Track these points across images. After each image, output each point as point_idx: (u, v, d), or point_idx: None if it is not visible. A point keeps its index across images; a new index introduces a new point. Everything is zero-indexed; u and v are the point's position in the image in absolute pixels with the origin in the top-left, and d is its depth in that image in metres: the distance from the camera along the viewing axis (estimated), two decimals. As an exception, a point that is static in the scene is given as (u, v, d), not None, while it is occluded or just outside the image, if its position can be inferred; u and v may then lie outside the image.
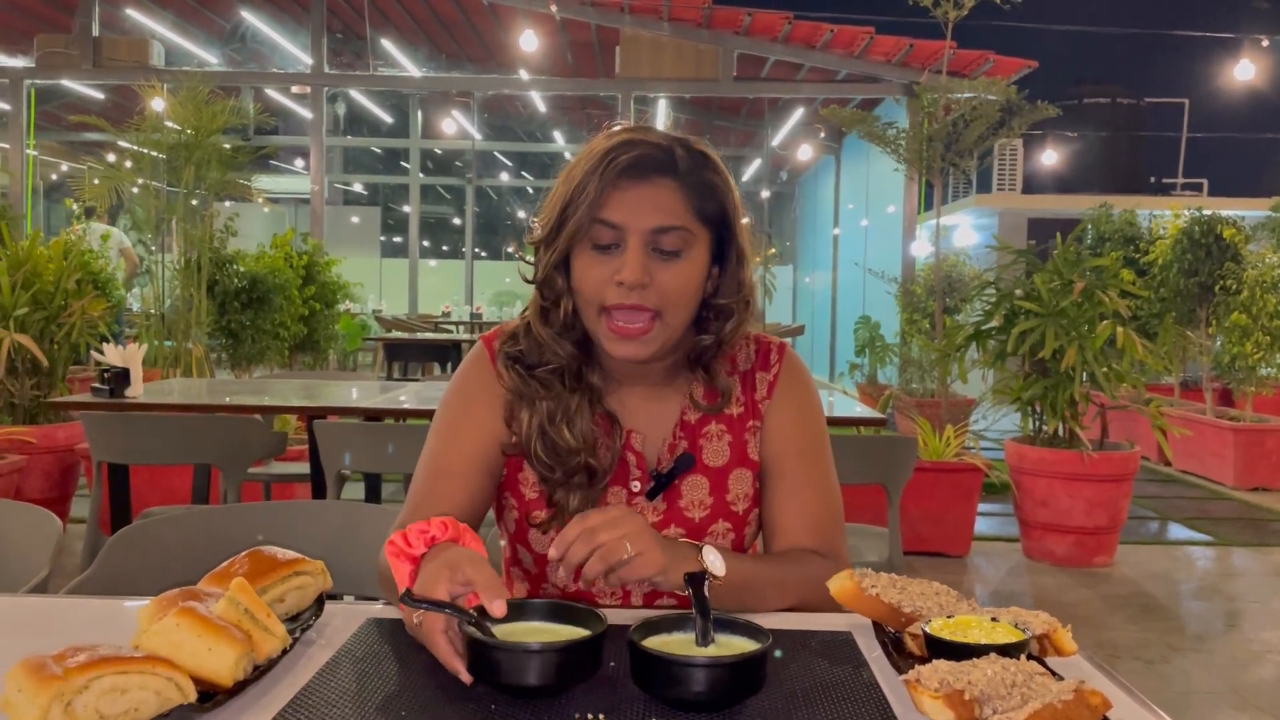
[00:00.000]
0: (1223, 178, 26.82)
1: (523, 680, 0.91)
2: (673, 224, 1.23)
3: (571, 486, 1.29)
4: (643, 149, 1.24)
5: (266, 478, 3.90)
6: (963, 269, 9.06)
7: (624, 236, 1.23)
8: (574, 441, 1.28)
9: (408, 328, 11.36)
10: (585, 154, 1.26)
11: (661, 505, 1.32)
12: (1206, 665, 3.53)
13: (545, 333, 1.31)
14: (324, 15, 9.44)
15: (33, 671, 0.79)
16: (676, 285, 1.24)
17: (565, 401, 1.30)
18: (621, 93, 9.23)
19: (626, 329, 1.24)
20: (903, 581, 1.10)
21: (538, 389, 1.30)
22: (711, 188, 1.27)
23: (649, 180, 1.23)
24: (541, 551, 1.32)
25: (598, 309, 1.25)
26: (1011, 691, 0.85)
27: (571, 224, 1.23)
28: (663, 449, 1.34)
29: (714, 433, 1.35)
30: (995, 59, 8.41)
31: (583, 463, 1.28)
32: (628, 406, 1.35)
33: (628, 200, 1.22)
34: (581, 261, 1.25)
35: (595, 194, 1.21)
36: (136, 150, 6.36)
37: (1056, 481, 4.69)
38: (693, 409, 1.36)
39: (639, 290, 1.22)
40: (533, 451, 1.29)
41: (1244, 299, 6.75)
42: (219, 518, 1.64)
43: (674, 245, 1.24)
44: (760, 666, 0.92)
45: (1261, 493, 6.60)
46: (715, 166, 1.28)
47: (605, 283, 1.23)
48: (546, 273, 1.29)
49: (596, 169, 1.22)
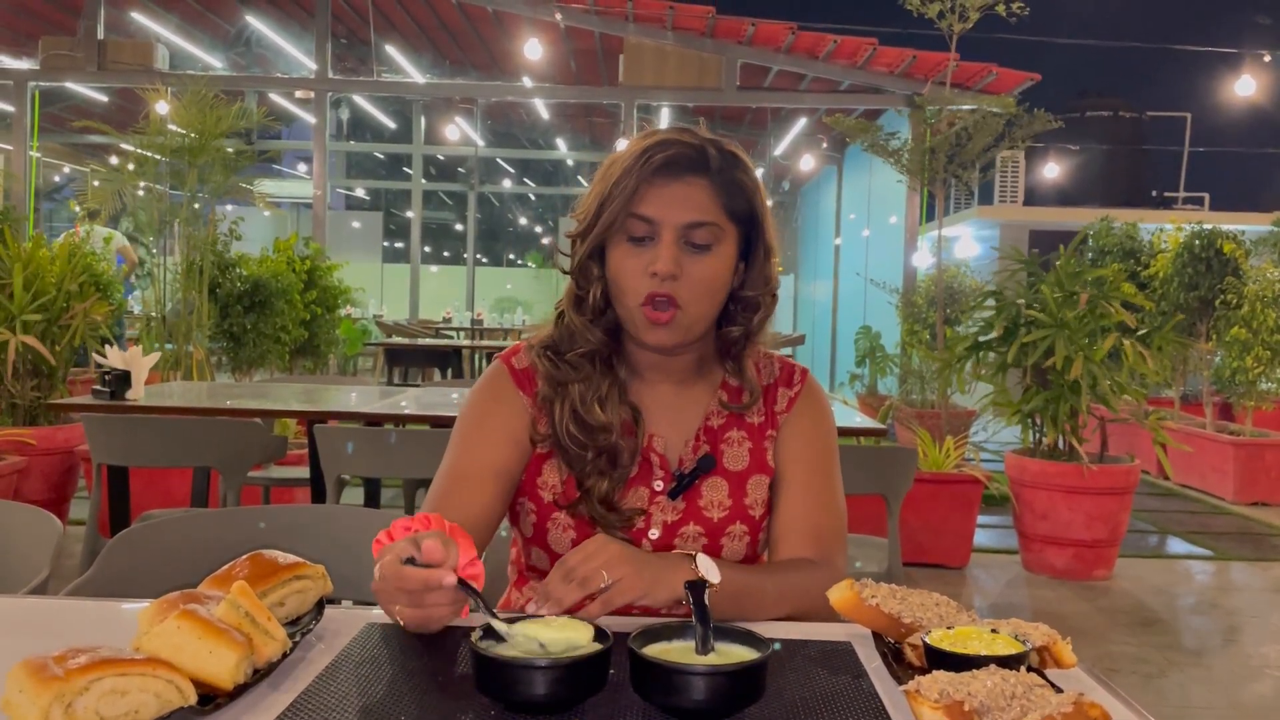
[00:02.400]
0: (1224, 192, 26.84)
1: (529, 695, 0.91)
2: (704, 219, 1.30)
3: (599, 471, 1.33)
4: (678, 148, 1.31)
5: (266, 482, 3.90)
6: (964, 280, 9.07)
7: (658, 230, 1.30)
8: (604, 418, 1.34)
9: (409, 333, 11.37)
10: (622, 153, 1.34)
11: (681, 504, 1.36)
12: (1205, 680, 3.53)
13: (578, 320, 1.37)
14: (328, 20, 9.46)
15: (34, 672, 0.79)
16: (704, 278, 1.31)
17: (596, 383, 1.36)
18: (624, 101, 9.25)
19: (658, 315, 1.30)
20: (903, 592, 1.10)
21: (570, 372, 1.37)
22: (741, 186, 1.34)
23: (682, 178, 1.31)
24: (560, 550, 1.35)
25: (632, 297, 1.31)
26: (1011, 703, 0.85)
27: (607, 215, 1.31)
28: (685, 450, 1.39)
29: (735, 438, 1.41)
30: (998, 71, 8.43)
31: (611, 442, 1.34)
32: (651, 407, 1.40)
33: (662, 196, 1.30)
34: (617, 253, 1.33)
35: (631, 189, 1.29)
36: (140, 153, 6.37)
37: (1056, 494, 4.69)
38: (718, 414, 1.41)
39: (670, 281, 1.29)
40: (564, 432, 1.34)
41: (1244, 313, 6.76)
42: (219, 521, 1.64)
43: (704, 240, 1.31)
44: (760, 675, 0.92)
45: (1261, 507, 6.59)
46: (745, 167, 1.36)
47: (639, 273, 1.30)
48: (581, 262, 1.36)
49: (634, 166, 1.30)
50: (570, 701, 0.92)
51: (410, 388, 4.84)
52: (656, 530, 1.35)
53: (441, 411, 3.34)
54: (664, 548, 1.34)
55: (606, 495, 1.33)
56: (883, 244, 10.79)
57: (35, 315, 4.90)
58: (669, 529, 1.35)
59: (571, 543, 1.35)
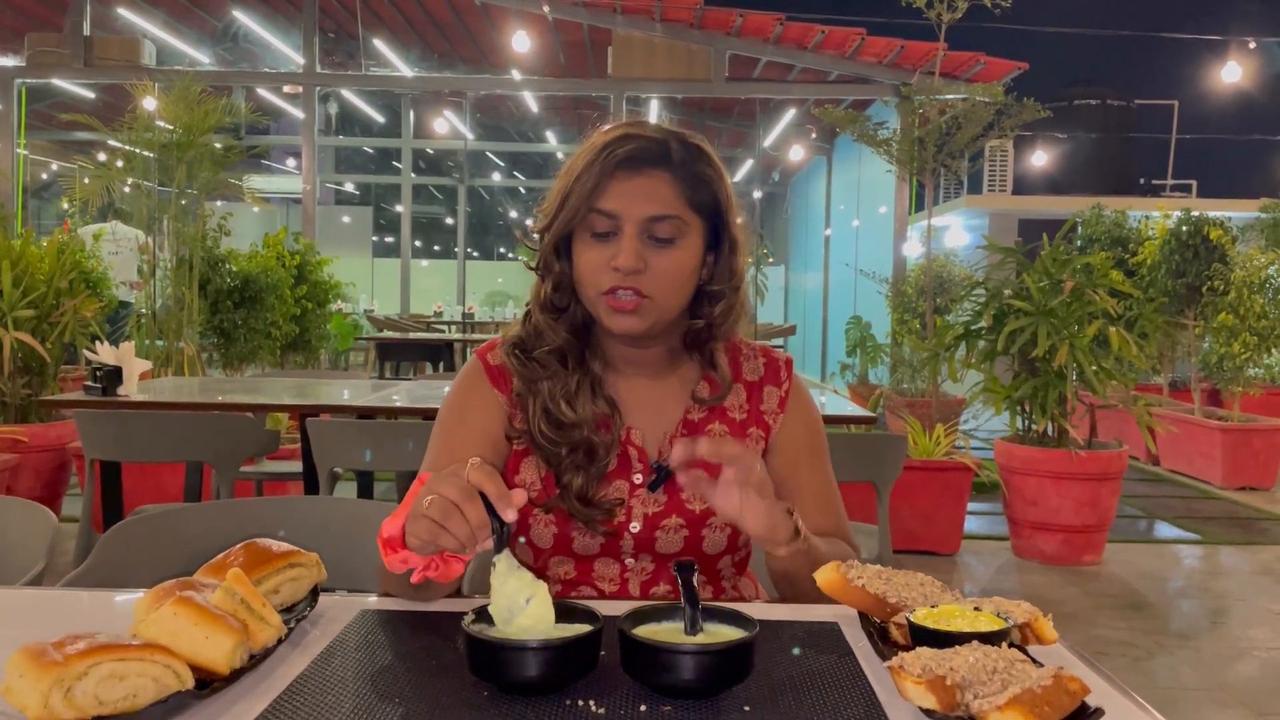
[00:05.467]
0: (1212, 179, 26.94)
1: (522, 677, 0.92)
2: (666, 213, 1.30)
3: (575, 466, 1.33)
4: (639, 142, 1.30)
5: (259, 476, 3.91)
6: (953, 269, 9.10)
7: (620, 225, 1.29)
8: (574, 415, 1.34)
9: (400, 328, 11.37)
10: (585, 148, 1.33)
11: (663, 497, 1.37)
12: (1193, 662, 3.57)
13: (543, 318, 1.38)
14: (316, 15, 9.43)
15: (33, 658, 0.81)
16: (669, 270, 1.31)
17: (565, 380, 1.36)
18: (614, 93, 9.24)
19: (622, 303, 1.30)
20: (888, 573, 1.11)
21: (538, 369, 1.37)
22: (704, 179, 1.33)
23: (644, 172, 1.30)
24: (542, 544, 1.37)
25: (596, 292, 1.31)
26: (992, 677, 0.87)
27: (568, 210, 1.30)
28: (664, 443, 1.39)
29: (716, 432, 1.40)
30: (986, 61, 8.44)
31: (584, 438, 1.34)
32: (628, 400, 1.40)
33: (624, 190, 1.29)
34: (581, 248, 1.32)
35: (593, 184, 1.29)
36: (128, 149, 6.35)
37: (1045, 480, 4.72)
38: (697, 408, 1.41)
39: (634, 275, 1.28)
40: (537, 430, 1.34)
41: (1231, 299, 6.80)
42: (213, 513, 1.65)
43: (667, 233, 1.30)
44: (747, 654, 0.94)
45: (1248, 492, 6.64)
46: (708, 159, 1.35)
47: (603, 268, 1.30)
48: (546, 258, 1.36)
49: (594, 161, 1.29)
50: (562, 682, 0.94)
51: (402, 381, 4.85)
52: (637, 523, 1.36)
53: (433, 405, 3.35)
54: (646, 540, 1.35)
55: (583, 490, 1.33)
56: (873, 234, 10.81)
57: (26, 312, 4.90)
58: (650, 521, 1.36)
59: (554, 537, 1.35)
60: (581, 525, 1.34)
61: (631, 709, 0.90)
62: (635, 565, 1.38)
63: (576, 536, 1.35)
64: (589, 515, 1.33)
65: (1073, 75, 39.52)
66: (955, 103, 6.52)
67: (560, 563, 1.38)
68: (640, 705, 0.91)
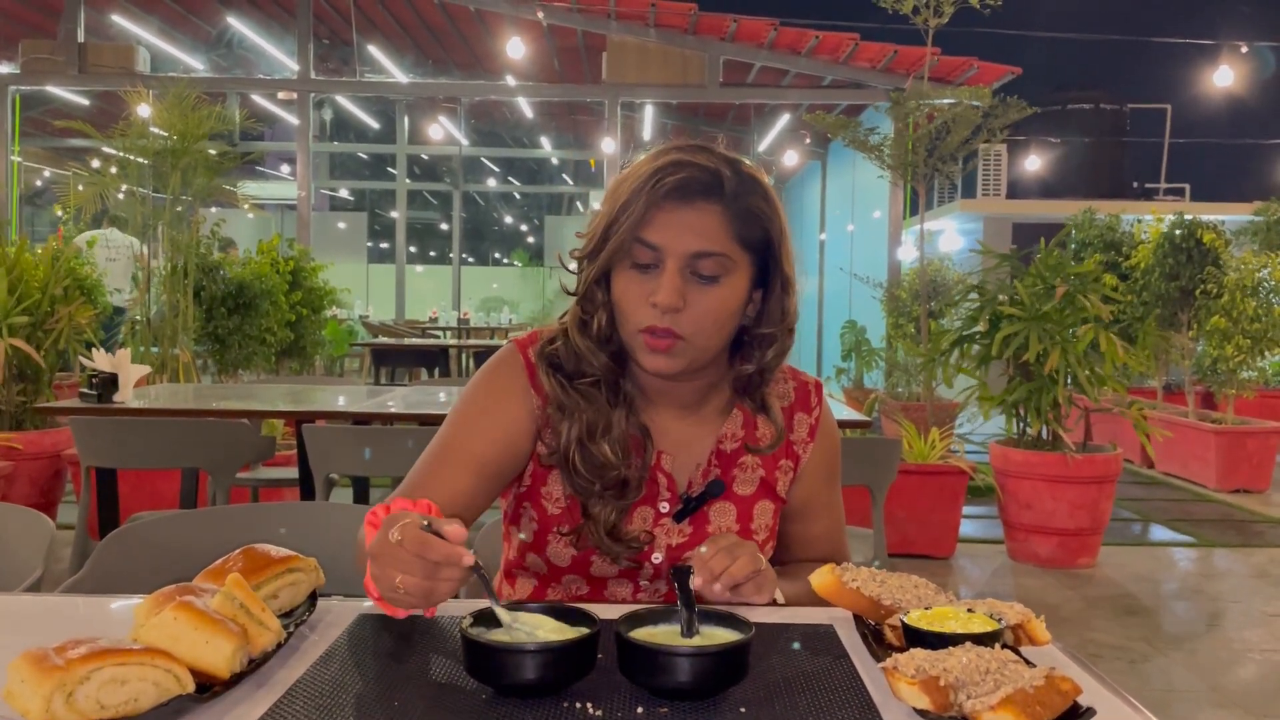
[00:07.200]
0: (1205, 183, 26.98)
1: (520, 679, 0.93)
2: (712, 249, 1.23)
3: (605, 498, 1.30)
4: (690, 170, 1.23)
5: (254, 482, 3.91)
6: (947, 274, 9.12)
7: (662, 258, 1.23)
8: (613, 457, 1.28)
9: (395, 333, 11.37)
10: (633, 172, 1.27)
11: (688, 528, 1.34)
12: (1188, 664, 3.58)
13: (583, 344, 1.31)
14: (310, 21, 9.44)
15: (35, 663, 0.81)
16: (710, 310, 1.25)
17: (606, 415, 1.30)
18: (608, 98, 9.26)
19: (657, 343, 1.25)
20: (882, 575, 1.13)
21: (579, 401, 1.30)
22: (756, 214, 1.26)
23: (692, 203, 1.23)
24: (559, 563, 1.33)
25: (635, 328, 1.26)
26: (985, 678, 0.88)
27: (614, 241, 1.24)
28: (695, 473, 1.36)
29: (748, 464, 1.38)
30: (979, 65, 8.47)
31: (620, 476, 1.29)
32: (660, 426, 1.36)
33: (669, 222, 1.23)
34: (622, 278, 1.27)
35: (639, 214, 1.22)
36: (122, 156, 6.35)
37: (1040, 484, 4.74)
38: (730, 439, 1.37)
39: (671, 314, 1.23)
40: (571, 463, 1.29)
41: (1224, 303, 6.82)
42: (210, 519, 1.65)
43: (712, 270, 1.24)
44: (743, 656, 0.95)
45: (1243, 494, 6.66)
46: (763, 191, 1.27)
47: (641, 303, 1.24)
48: (587, 287, 1.30)
49: (642, 188, 1.23)
50: (559, 684, 0.94)
51: (398, 387, 4.85)
52: (660, 554, 1.32)
53: (429, 411, 3.36)
54: (667, 570, 1.33)
55: (611, 524, 1.29)
56: (867, 239, 10.83)
57: (21, 319, 4.90)
58: (673, 552, 1.32)
59: (571, 559, 1.32)
60: (602, 556, 1.31)
61: (628, 711, 0.91)
62: (650, 587, 1.35)
63: (596, 560, 1.32)
64: (616, 551, 1.30)
65: (1066, 79, 39.65)
66: (943, 107, 6.55)
67: (574, 580, 1.35)
68: (637, 707, 0.92)
